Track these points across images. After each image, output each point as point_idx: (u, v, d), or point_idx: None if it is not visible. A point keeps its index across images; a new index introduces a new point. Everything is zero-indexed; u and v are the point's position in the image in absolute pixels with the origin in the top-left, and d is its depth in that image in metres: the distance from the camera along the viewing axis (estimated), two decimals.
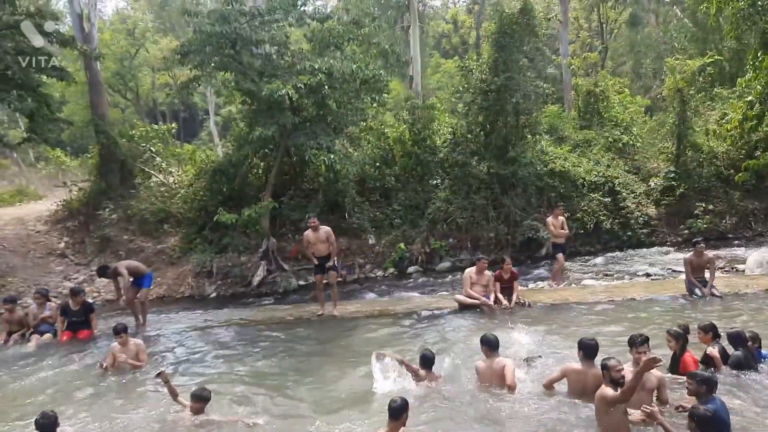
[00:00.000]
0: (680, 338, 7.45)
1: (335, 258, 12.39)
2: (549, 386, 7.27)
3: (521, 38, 19.04)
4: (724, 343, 7.80)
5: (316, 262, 12.37)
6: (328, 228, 12.40)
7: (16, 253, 18.14)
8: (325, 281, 12.47)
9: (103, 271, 12.43)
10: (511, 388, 7.28)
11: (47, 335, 11.54)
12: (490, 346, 7.63)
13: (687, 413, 5.68)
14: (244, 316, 12.95)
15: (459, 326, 10.91)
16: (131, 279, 12.30)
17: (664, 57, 29.47)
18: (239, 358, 10.03)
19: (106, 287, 16.81)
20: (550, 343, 9.43)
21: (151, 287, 13.78)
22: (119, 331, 9.42)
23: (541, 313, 11.58)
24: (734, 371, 7.40)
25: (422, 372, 7.87)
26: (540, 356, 8.50)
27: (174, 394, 7.50)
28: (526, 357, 8.46)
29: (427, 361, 7.85)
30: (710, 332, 7.87)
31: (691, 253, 12.17)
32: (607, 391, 6.07)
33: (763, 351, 7.83)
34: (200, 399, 7.20)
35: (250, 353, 10.30)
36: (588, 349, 6.92)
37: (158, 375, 7.62)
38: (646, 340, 6.66)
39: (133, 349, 9.48)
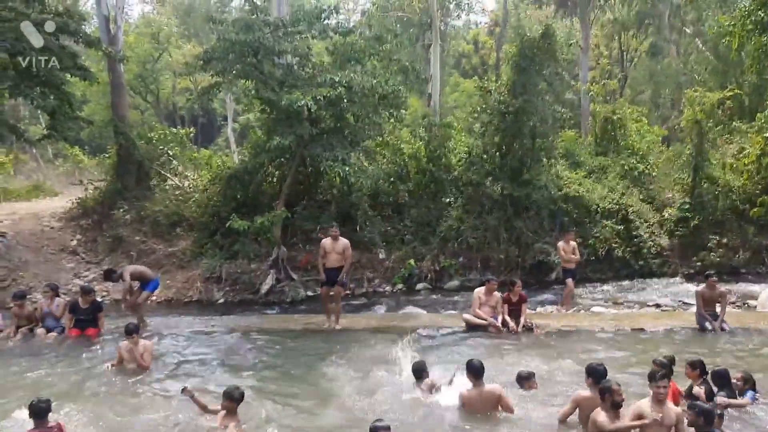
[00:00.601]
0: (665, 368, 7.29)
1: (345, 273, 12.37)
2: (563, 420, 7.07)
3: (541, 62, 19.07)
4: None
5: (323, 276, 12.37)
6: (347, 241, 12.42)
7: (29, 249, 18.28)
8: (330, 293, 12.49)
9: (109, 275, 12.52)
10: (511, 411, 7.30)
11: (53, 334, 11.61)
12: (476, 373, 7.44)
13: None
14: (251, 324, 13.00)
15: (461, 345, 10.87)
16: (138, 284, 12.37)
17: (683, 88, 29.43)
18: (244, 365, 10.08)
19: (114, 287, 16.86)
20: (556, 368, 9.39)
21: (156, 291, 13.80)
22: (131, 332, 9.47)
23: (548, 337, 11.53)
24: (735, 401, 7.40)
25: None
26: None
27: (203, 407, 7.37)
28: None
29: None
30: (698, 369, 7.75)
31: (704, 285, 12.06)
32: (601, 417, 6.02)
33: (755, 391, 7.68)
34: (232, 398, 6.92)
35: (255, 360, 10.35)
36: (597, 375, 6.84)
37: (183, 391, 7.48)
38: (666, 375, 6.50)
39: (142, 350, 9.53)
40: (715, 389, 7.54)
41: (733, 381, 7.68)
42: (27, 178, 30.63)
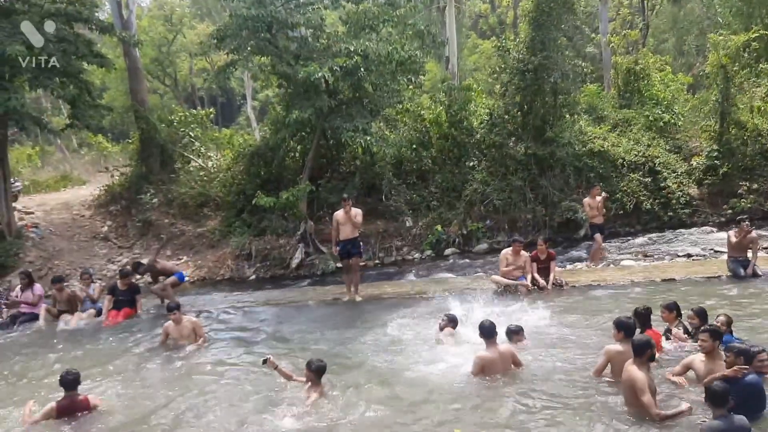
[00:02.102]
0: (640, 317, 7.58)
1: (356, 227, 12.38)
2: (598, 374, 7.07)
3: (559, 16, 18.72)
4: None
5: (336, 249, 12.48)
6: (359, 210, 12.47)
7: (62, 237, 18.63)
8: (349, 264, 12.57)
9: (136, 268, 12.92)
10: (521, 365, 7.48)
11: (90, 311, 12.03)
12: (488, 334, 7.45)
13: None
14: (285, 297, 13.26)
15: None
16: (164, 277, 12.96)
17: (707, 33, 28.66)
18: (280, 335, 10.37)
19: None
20: (586, 323, 9.41)
21: (185, 280, 14.37)
22: (172, 309, 9.68)
23: (578, 293, 11.52)
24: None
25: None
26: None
27: (288, 377, 7.43)
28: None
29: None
30: (674, 311, 8.08)
31: (735, 230, 11.92)
32: (639, 377, 5.98)
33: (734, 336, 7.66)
34: (310, 368, 7.03)
35: (292, 330, 10.61)
36: (627, 329, 6.82)
37: (265, 362, 7.46)
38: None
39: (189, 326, 9.76)
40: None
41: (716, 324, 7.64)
42: (54, 169, 31.05)
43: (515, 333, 8.41)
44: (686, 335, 7.88)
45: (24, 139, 33.96)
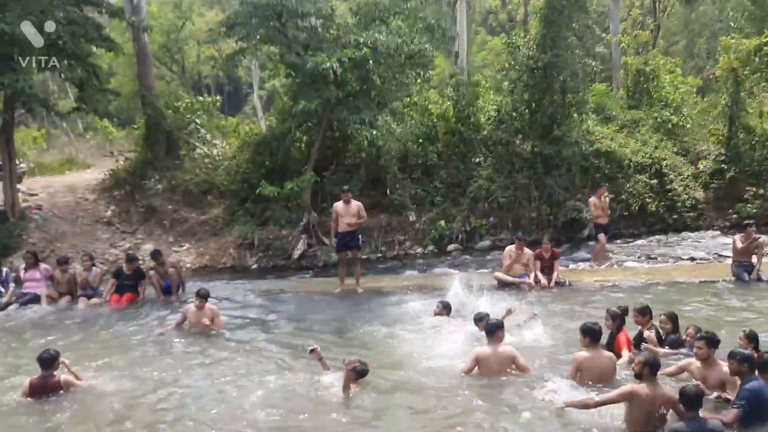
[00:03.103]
0: (617, 318, 7.67)
1: (358, 224, 12.33)
2: (572, 378, 6.90)
3: (570, 14, 18.66)
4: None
5: (335, 241, 12.46)
6: (359, 203, 12.43)
7: (65, 220, 18.61)
8: (348, 257, 12.52)
9: (156, 256, 12.87)
10: (527, 371, 7.18)
11: (95, 300, 12.05)
12: (488, 330, 7.38)
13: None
14: (284, 287, 13.25)
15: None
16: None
17: (719, 36, 28.49)
18: (282, 324, 10.47)
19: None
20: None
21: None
22: (203, 296, 9.75)
23: (580, 293, 11.48)
24: (671, 350, 7.61)
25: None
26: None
27: (326, 368, 7.36)
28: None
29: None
30: (647, 315, 8.08)
31: (741, 235, 11.85)
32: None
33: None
34: (359, 371, 6.99)
35: (290, 319, 10.70)
36: (593, 334, 6.88)
37: (312, 351, 7.42)
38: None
39: (209, 313, 9.76)
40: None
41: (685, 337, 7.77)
42: (60, 152, 31.00)
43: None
44: (658, 339, 7.84)
45: (30, 122, 33.90)
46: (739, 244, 11.69)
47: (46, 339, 9.63)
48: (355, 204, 12.22)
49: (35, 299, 11.95)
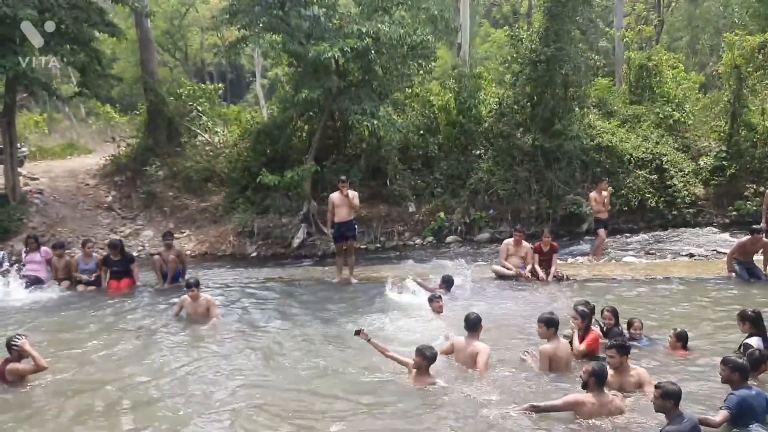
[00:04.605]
0: (586, 317, 7.62)
1: (354, 209, 12.36)
2: (546, 372, 7.02)
3: (574, 8, 18.62)
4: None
5: (331, 231, 12.48)
6: (355, 192, 12.46)
7: (66, 205, 18.66)
8: (344, 248, 12.54)
9: (167, 237, 12.90)
10: (482, 373, 7.02)
11: (93, 287, 12.02)
12: (468, 326, 7.37)
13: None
14: (284, 275, 13.27)
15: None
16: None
17: (722, 33, 28.42)
18: (282, 312, 10.47)
19: (150, 241, 17.26)
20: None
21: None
22: (191, 285, 9.68)
23: (578, 286, 11.52)
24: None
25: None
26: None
27: (383, 351, 7.19)
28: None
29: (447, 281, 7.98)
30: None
31: (748, 238, 11.73)
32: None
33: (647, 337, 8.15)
34: (424, 356, 6.66)
35: (290, 308, 10.72)
36: (549, 323, 7.01)
37: (357, 333, 7.30)
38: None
39: (204, 303, 9.76)
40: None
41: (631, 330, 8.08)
42: (61, 137, 31.01)
43: (431, 301, 9.46)
44: (601, 333, 7.89)
45: (32, 106, 33.86)
46: (747, 246, 11.61)
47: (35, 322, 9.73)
48: (351, 194, 12.21)
49: (36, 281, 11.98)
